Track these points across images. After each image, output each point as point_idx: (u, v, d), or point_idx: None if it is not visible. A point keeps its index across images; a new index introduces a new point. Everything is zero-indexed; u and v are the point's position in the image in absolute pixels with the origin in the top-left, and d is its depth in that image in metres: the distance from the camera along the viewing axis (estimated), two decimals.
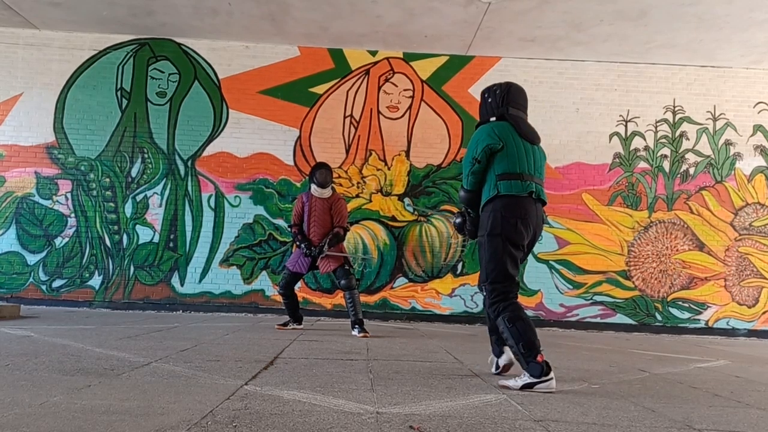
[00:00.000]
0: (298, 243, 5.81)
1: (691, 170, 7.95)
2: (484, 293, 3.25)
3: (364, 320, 5.96)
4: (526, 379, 3.00)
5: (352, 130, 7.91)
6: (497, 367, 3.48)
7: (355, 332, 5.54)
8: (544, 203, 3.35)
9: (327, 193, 5.81)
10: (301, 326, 5.95)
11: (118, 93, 7.84)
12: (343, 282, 5.66)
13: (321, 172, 5.80)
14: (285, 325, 5.87)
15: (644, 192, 7.90)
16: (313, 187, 5.79)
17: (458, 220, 3.51)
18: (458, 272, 7.72)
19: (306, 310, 7.57)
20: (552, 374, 3.00)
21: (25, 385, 2.65)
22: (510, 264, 3.17)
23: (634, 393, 3.15)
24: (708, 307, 7.75)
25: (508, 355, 3.40)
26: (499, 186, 3.19)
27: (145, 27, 7.60)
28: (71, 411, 2.21)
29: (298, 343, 4.73)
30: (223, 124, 7.86)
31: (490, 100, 3.51)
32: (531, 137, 3.43)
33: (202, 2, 6.83)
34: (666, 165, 7.96)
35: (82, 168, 7.72)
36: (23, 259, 7.57)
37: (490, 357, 3.57)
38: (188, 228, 7.68)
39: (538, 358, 2.98)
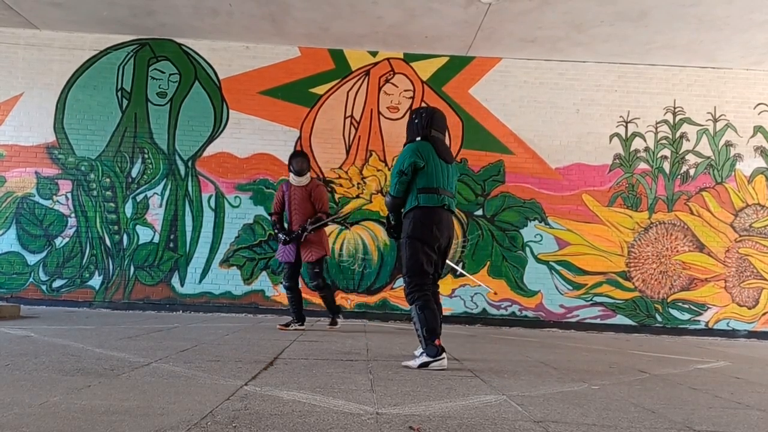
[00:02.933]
0: (276, 232, 5.92)
1: (692, 171, 7.95)
2: (405, 285, 3.90)
3: (339, 319, 6.23)
4: (423, 358, 3.65)
5: (353, 130, 7.92)
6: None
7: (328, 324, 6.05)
8: (453, 213, 4.10)
9: (304, 180, 5.89)
10: (303, 327, 5.95)
11: (119, 93, 7.84)
12: (312, 284, 5.93)
13: (297, 161, 5.87)
14: (287, 325, 5.86)
15: (644, 193, 7.90)
16: (291, 176, 5.90)
17: (386, 225, 4.21)
18: (457, 273, 7.71)
19: (306, 311, 7.56)
20: (444, 355, 3.68)
21: (25, 385, 2.65)
22: (425, 262, 3.84)
23: (634, 394, 3.15)
24: (708, 308, 7.75)
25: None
26: (419, 198, 3.85)
27: (145, 27, 7.60)
28: (71, 411, 2.21)
29: (298, 343, 4.73)
30: (223, 125, 7.86)
31: (417, 122, 4.03)
32: (447, 157, 4.05)
33: (203, 3, 6.83)
34: (666, 166, 7.96)
35: (83, 168, 7.72)
36: (23, 259, 7.57)
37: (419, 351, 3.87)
38: (188, 228, 7.68)
39: (436, 342, 3.68)
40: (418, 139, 3.97)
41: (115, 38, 7.87)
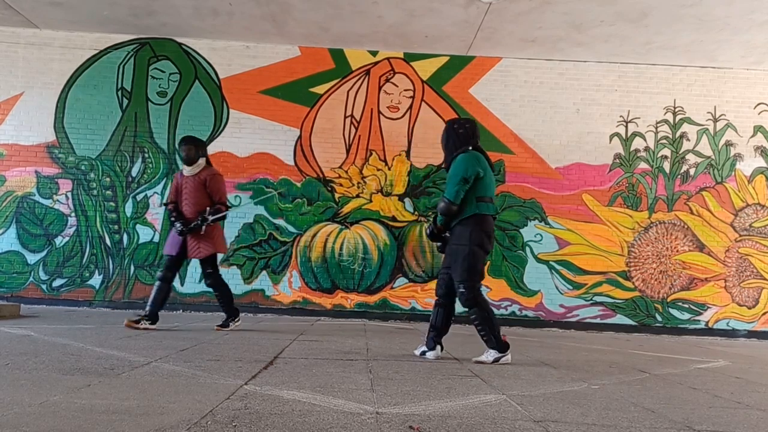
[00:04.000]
0: (172, 220, 5.41)
1: (692, 171, 7.95)
2: (462, 290, 4.04)
3: (232, 321, 5.55)
4: (494, 354, 4.00)
5: (353, 130, 7.92)
6: (422, 353, 4.23)
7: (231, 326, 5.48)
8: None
9: (195, 169, 5.38)
10: (155, 326, 5.29)
11: (119, 92, 7.84)
12: (207, 282, 5.51)
13: (183, 148, 5.37)
14: (137, 322, 5.20)
15: (644, 193, 7.90)
16: (183, 165, 5.45)
17: (428, 229, 4.39)
18: None
19: (306, 310, 7.59)
20: (509, 351, 4.04)
21: (25, 384, 2.65)
22: (482, 266, 4.17)
23: (633, 394, 3.15)
24: (708, 308, 7.75)
25: (437, 352, 4.23)
26: (479, 206, 4.05)
27: (145, 27, 7.60)
28: (71, 410, 2.21)
29: (298, 343, 4.74)
30: (223, 124, 7.86)
31: (461, 131, 4.22)
32: (493, 168, 4.30)
33: (203, 2, 6.83)
34: (666, 166, 7.96)
35: (83, 167, 7.72)
36: (23, 258, 7.57)
37: (420, 348, 4.27)
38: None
39: (503, 338, 4.06)
40: (470, 149, 4.14)
41: (115, 38, 7.87)
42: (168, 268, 5.35)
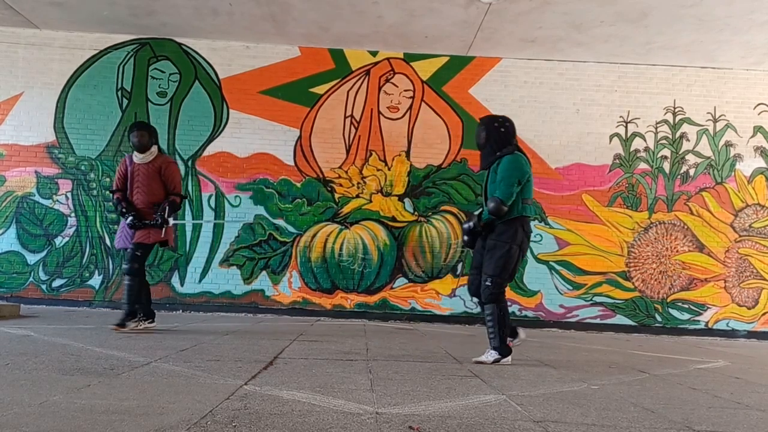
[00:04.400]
0: (123, 212, 5.06)
1: (691, 171, 7.95)
2: (488, 283, 4.00)
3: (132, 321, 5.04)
4: (495, 355, 3.99)
5: (353, 130, 7.91)
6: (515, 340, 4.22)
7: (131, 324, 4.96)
8: None
9: (148, 157, 5.11)
10: (154, 323, 5.08)
11: (119, 93, 7.84)
12: (127, 266, 4.98)
13: (134, 134, 5.08)
14: (121, 325, 4.93)
15: (644, 193, 7.90)
16: (134, 152, 5.15)
17: (471, 225, 4.20)
18: (458, 273, 7.72)
19: (306, 310, 7.59)
20: (510, 356, 4.05)
21: (25, 385, 2.65)
22: (515, 267, 4.11)
23: (633, 394, 3.15)
24: (708, 308, 7.75)
25: (520, 337, 4.26)
26: (525, 208, 4.07)
27: (145, 27, 7.60)
28: (71, 410, 2.21)
29: (298, 343, 4.74)
30: (223, 124, 7.86)
31: (502, 130, 4.17)
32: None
33: (203, 2, 6.83)
34: (666, 166, 7.96)
35: (83, 167, 7.72)
36: (23, 258, 7.56)
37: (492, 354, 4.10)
38: (188, 228, 7.68)
39: (509, 343, 4.08)
40: (516, 150, 4.16)
41: (115, 38, 7.87)
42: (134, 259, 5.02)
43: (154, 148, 5.20)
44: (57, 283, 7.54)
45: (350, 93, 7.96)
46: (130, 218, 5.00)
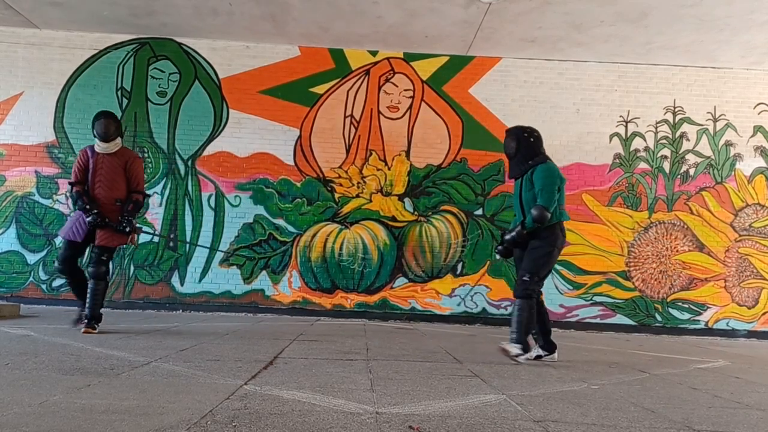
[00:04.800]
0: (84, 207, 4.79)
1: (691, 171, 7.95)
2: (526, 278, 4.12)
3: (99, 320, 4.86)
4: (519, 349, 4.10)
5: (353, 130, 7.91)
6: (537, 357, 4.29)
7: (81, 327, 4.75)
8: None
9: (113, 147, 4.89)
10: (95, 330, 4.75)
11: (119, 92, 7.84)
12: (93, 269, 4.78)
13: (100, 123, 4.86)
14: (80, 321, 4.83)
15: (644, 193, 7.90)
16: (96, 141, 4.92)
17: (514, 235, 4.32)
18: (458, 272, 7.72)
19: (306, 310, 7.59)
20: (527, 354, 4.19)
21: (25, 384, 2.65)
22: (550, 269, 4.34)
23: (633, 394, 3.15)
24: (708, 308, 7.75)
25: (556, 355, 4.37)
26: (562, 213, 4.32)
27: (145, 27, 7.60)
28: (71, 410, 2.21)
29: (298, 342, 4.73)
30: (223, 124, 7.86)
31: (532, 140, 4.36)
32: None
33: (203, 2, 6.83)
34: (666, 166, 7.96)
35: None
36: (23, 258, 7.56)
37: (535, 350, 4.32)
38: (188, 228, 7.68)
39: (530, 341, 4.24)
40: (548, 160, 4.37)
41: (115, 37, 7.87)
42: (69, 259, 4.85)
43: (119, 140, 4.99)
44: (57, 282, 7.54)
45: (350, 93, 7.96)
46: (92, 216, 4.76)
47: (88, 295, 4.77)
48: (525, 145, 4.32)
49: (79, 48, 7.85)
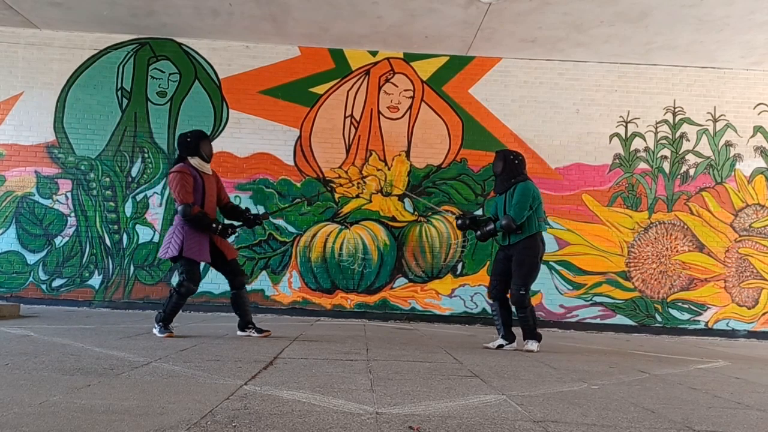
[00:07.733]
0: (212, 226, 4.77)
1: (691, 171, 7.95)
2: (522, 292, 4.79)
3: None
4: (536, 345, 4.89)
5: (353, 130, 7.91)
6: (499, 346, 4.99)
7: (254, 333, 5.00)
8: None
9: (209, 168, 4.98)
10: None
11: (119, 92, 7.84)
12: (241, 278, 5.07)
13: (207, 143, 4.89)
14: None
15: (644, 193, 7.90)
16: (197, 161, 4.82)
17: (460, 222, 5.30)
18: (458, 273, 7.72)
19: (306, 310, 7.59)
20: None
21: (25, 385, 2.65)
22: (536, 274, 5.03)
23: (633, 394, 3.15)
24: (708, 308, 7.75)
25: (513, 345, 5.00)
26: (540, 225, 4.95)
27: (145, 27, 7.60)
28: (71, 410, 2.21)
29: (298, 343, 4.73)
30: (223, 124, 7.86)
31: (516, 162, 5.02)
32: None
33: (203, 3, 6.83)
34: (666, 166, 7.96)
35: (83, 167, 7.72)
36: (23, 258, 7.56)
37: (497, 340, 5.06)
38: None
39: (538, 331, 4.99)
40: (527, 180, 4.98)
41: (115, 38, 7.87)
42: (199, 278, 5.11)
43: None
44: (57, 283, 7.54)
45: (350, 93, 7.96)
46: (230, 229, 4.90)
47: (243, 305, 5.08)
48: (510, 166, 4.99)
49: (79, 48, 7.85)
